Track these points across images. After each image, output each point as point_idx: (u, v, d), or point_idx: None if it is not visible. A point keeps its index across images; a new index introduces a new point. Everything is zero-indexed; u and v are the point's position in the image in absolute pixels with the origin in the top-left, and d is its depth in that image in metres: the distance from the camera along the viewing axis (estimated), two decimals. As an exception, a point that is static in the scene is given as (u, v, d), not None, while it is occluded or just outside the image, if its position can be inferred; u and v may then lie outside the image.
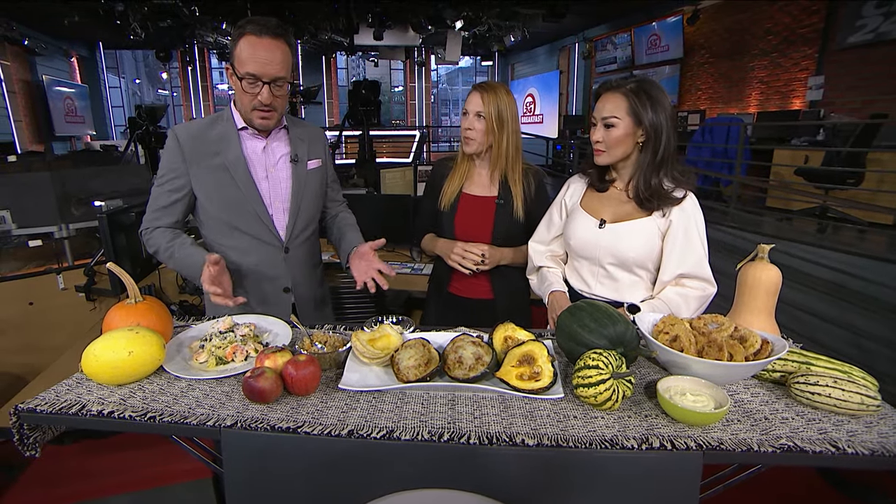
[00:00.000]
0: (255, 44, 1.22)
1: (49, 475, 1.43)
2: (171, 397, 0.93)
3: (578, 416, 0.87)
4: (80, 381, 0.99)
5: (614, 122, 1.27)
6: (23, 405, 0.90)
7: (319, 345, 1.02)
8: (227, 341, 1.05)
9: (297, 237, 1.45)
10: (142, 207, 1.98)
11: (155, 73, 14.63)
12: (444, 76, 16.19)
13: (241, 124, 1.36)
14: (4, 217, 2.47)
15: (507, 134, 1.51)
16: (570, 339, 0.99)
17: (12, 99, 9.37)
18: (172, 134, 1.36)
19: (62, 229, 2.63)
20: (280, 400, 0.91)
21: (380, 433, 0.81)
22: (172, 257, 1.34)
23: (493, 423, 0.84)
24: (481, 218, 1.59)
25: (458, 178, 1.62)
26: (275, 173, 1.40)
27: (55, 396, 0.93)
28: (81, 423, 0.89)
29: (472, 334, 1.02)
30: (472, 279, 1.63)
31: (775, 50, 6.88)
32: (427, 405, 0.89)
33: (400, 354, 0.96)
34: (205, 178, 1.34)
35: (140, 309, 1.07)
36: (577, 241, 1.39)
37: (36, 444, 0.94)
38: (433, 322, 1.71)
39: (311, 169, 1.46)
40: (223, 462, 0.85)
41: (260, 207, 1.37)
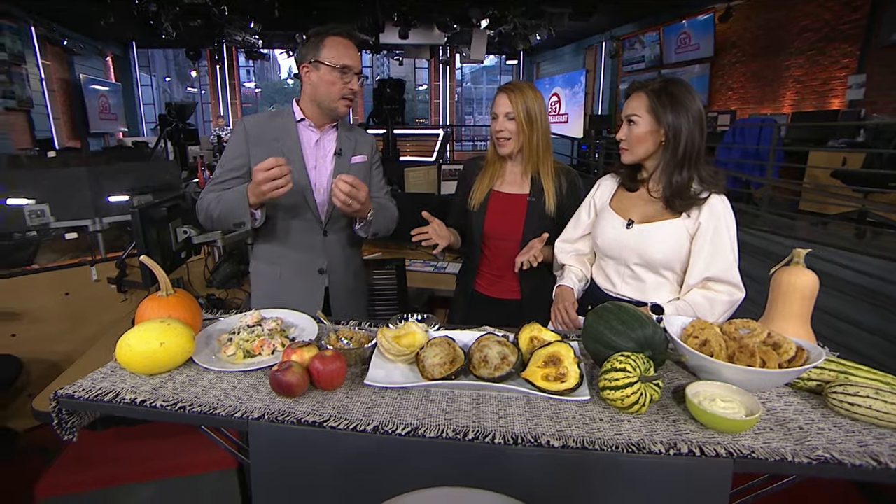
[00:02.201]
0: (344, 43, 1.45)
1: (83, 459, 1.48)
2: (201, 388, 0.95)
3: (604, 418, 0.86)
4: (115, 370, 1.02)
5: (635, 120, 1.27)
6: (62, 391, 0.94)
7: (345, 340, 1.03)
8: (255, 335, 1.07)
9: (336, 223, 1.57)
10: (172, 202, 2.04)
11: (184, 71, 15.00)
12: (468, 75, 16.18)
13: (300, 117, 1.52)
14: (44, 210, 2.56)
15: (537, 131, 1.52)
16: (596, 340, 0.98)
17: (52, 97, 9.72)
18: (240, 123, 1.53)
19: (96, 223, 2.71)
20: (306, 394, 0.92)
21: (405, 430, 0.81)
22: (218, 206, 1.44)
23: (518, 424, 0.84)
24: (512, 215, 1.58)
25: (488, 176, 1.62)
26: (322, 163, 1.55)
27: (91, 384, 0.97)
28: (116, 411, 0.92)
29: (498, 334, 1.02)
30: (501, 279, 1.62)
31: (813, 48, 6.66)
32: (452, 403, 0.90)
33: (425, 352, 0.97)
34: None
35: (171, 302, 1.10)
36: (603, 240, 1.37)
37: (73, 429, 0.97)
38: (459, 321, 1.71)
39: (355, 163, 1.58)
40: (250, 453, 0.86)
41: (307, 191, 1.51)
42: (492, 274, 1.65)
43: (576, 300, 1.40)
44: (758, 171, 4.96)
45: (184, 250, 2.06)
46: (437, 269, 2.70)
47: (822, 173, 4.94)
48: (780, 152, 4.88)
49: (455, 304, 1.80)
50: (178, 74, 15.46)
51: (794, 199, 5.24)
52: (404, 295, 2.20)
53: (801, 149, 5.32)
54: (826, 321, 2.84)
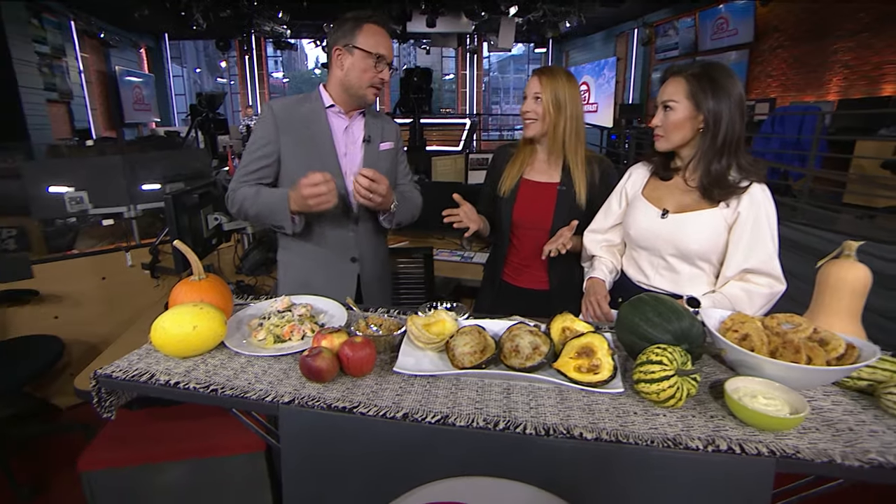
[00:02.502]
0: (380, 31, 1.43)
1: (120, 437, 1.54)
2: (232, 372, 0.96)
3: (639, 412, 0.84)
4: (149, 352, 1.04)
5: (672, 106, 1.23)
6: (101, 371, 0.97)
7: (375, 327, 1.03)
8: (285, 320, 1.08)
9: (366, 211, 1.55)
10: (204, 189, 2.08)
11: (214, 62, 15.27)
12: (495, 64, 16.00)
13: (329, 103, 1.50)
14: (82, 197, 2.65)
15: (565, 117, 1.48)
16: (630, 332, 0.95)
17: (90, 88, 10.05)
18: (267, 107, 1.50)
19: (131, 210, 2.79)
20: (336, 380, 0.92)
21: (434, 418, 0.81)
22: (255, 203, 1.45)
23: (549, 415, 0.82)
24: (542, 204, 1.56)
25: (518, 164, 1.60)
26: (352, 151, 1.53)
27: (127, 365, 0.99)
28: (150, 391, 0.94)
29: (530, 324, 1.00)
30: (529, 269, 1.60)
31: (866, 30, 6.26)
32: (482, 393, 0.89)
33: (455, 340, 0.96)
34: (293, 146, 1.47)
35: (204, 286, 1.12)
36: (636, 230, 1.34)
37: (111, 408, 1.00)
38: (486, 310, 1.70)
39: (383, 150, 1.58)
40: (280, 437, 0.87)
41: (338, 179, 1.48)
42: (520, 263, 1.63)
43: (608, 293, 1.37)
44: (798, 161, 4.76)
45: (215, 237, 2.11)
46: (463, 258, 2.69)
47: (869, 164, 4.71)
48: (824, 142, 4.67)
49: (482, 293, 1.79)
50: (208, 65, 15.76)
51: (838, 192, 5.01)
52: (431, 284, 2.20)
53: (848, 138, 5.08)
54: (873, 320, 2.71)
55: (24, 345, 2.31)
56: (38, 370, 2.16)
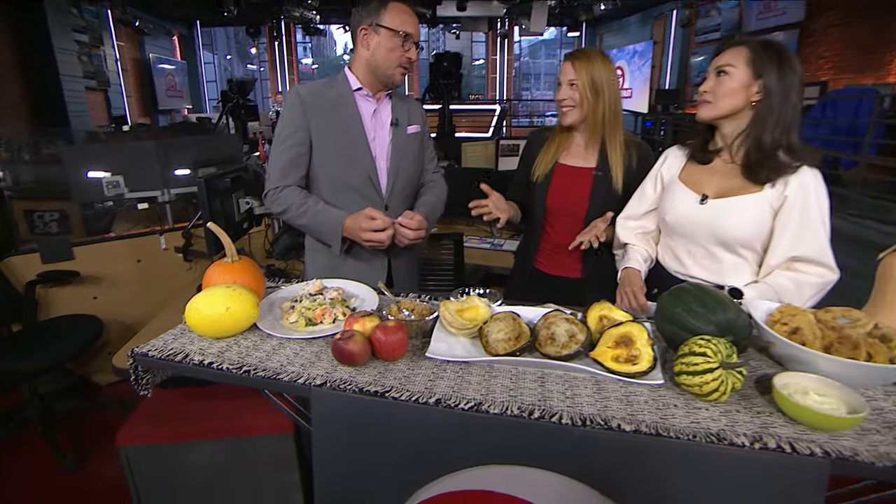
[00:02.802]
0: (406, 10, 1.42)
1: (156, 415, 1.59)
2: (264, 353, 0.97)
3: (679, 405, 0.81)
4: (184, 332, 1.07)
5: (728, 70, 1.15)
6: (137, 349, 0.99)
7: (406, 312, 1.03)
8: (317, 303, 1.09)
9: (397, 196, 1.55)
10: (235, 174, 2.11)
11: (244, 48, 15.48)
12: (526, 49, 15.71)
13: (356, 86, 1.48)
14: (119, 182, 2.74)
15: (603, 101, 1.44)
16: (671, 322, 0.92)
17: (125, 76, 10.36)
18: (293, 92, 1.48)
19: (165, 194, 2.87)
20: (367, 364, 0.92)
21: (468, 405, 0.80)
22: (306, 214, 1.45)
23: (586, 405, 0.80)
24: (576, 190, 1.52)
25: (553, 148, 1.56)
26: (381, 135, 1.52)
27: (163, 344, 1.02)
28: (185, 371, 0.96)
29: (566, 311, 0.98)
30: (561, 256, 1.57)
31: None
32: (516, 381, 0.87)
33: (489, 327, 0.95)
34: (323, 132, 1.46)
35: (236, 268, 1.13)
36: (673, 216, 1.29)
37: (148, 385, 1.03)
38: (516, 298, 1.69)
39: (411, 133, 1.56)
40: (312, 420, 0.88)
41: (368, 163, 1.49)
42: (552, 250, 1.60)
43: (643, 283, 1.33)
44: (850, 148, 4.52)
45: (246, 220, 2.15)
46: (493, 245, 2.67)
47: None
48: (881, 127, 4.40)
49: (512, 281, 1.77)
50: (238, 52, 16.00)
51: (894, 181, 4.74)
52: (461, 271, 2.19)
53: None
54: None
55: (66, 323, 2.42)
56: (80, 348, 2.26)
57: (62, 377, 2.65)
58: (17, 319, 2.40)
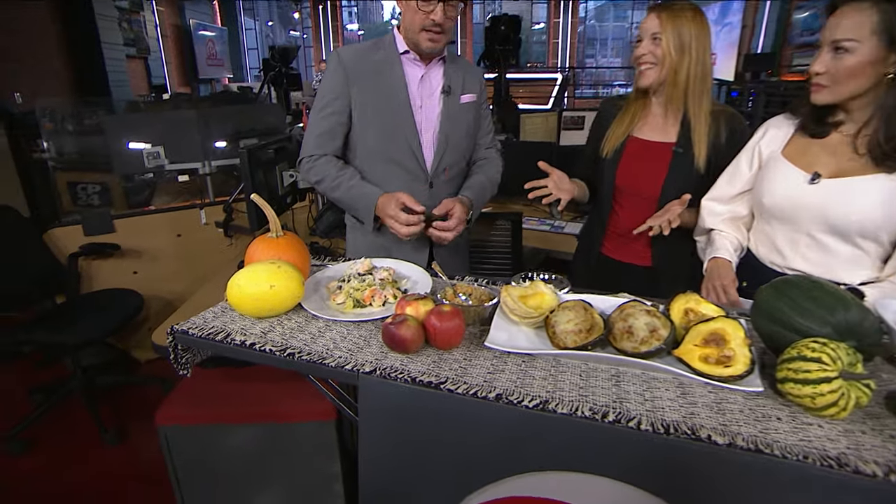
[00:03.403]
0: None
1: (195, 395, 1.66)
2: (309, 336, 0.98)
3: (783, 418, 0.75)
4: (225, 310, 1.09)
5: (849, 46, 1.02)
6: (177, 326, 1.02)
7: (464, 297, 1.02)
8: (366, 284, 1.09)
9: (442, 173, 1.52)
10: (279, 144, 2.15)
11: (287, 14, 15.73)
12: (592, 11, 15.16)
13: (403, 49, 1.44)
14: (159, 153, 2.87)
15: (688, 61, 1.34)
16: (773, 321, 0.86)
17: (165, 43, 10.79)
18: (335, 55, 1.47)
19: (205, 166, 2.98)
20: (420, 351, 0.92)
21: (532, 402, 0.78)
22: (339, 187, 1.46)
23: (668, 410, 0.76)
24: (652, 167, 1.45)
25: (627, 120, 1.49)
26: (429, 104, 1.48)
27: (203, 322, 1.04)
28: (226, 351, 0.98)
29: (646, 303, 0.93)
30: (631, 241, 1.51)
31: None
32: (587, 378, 0.84)
33: (557, 316, 0.92)
34: (364, 99, 1.44)
35: (281, 244, 1.14)
36: (774, 198, 1.19)
37: (187, 365, 1.07)
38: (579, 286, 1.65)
39: (464, 103, 1.51)
40: (359, 409, 0.88)
41: (412, 136, 1.46)
42: (621, 234, 1.55)
43: (735, 277, 1.25)
44: None
45: (289, 195, 2.19)
46: (553, 228, 2.63)
47: None
48: None
49: (575, 267, 1.73)
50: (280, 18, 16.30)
51: None
52: (518, 254, 2.15)
53: None
54: None
55: (107, 297, 2.58)
56: (121, 322, 2.40)
57: (104, 351, 2.83)
58: (61, 291, 2.57)
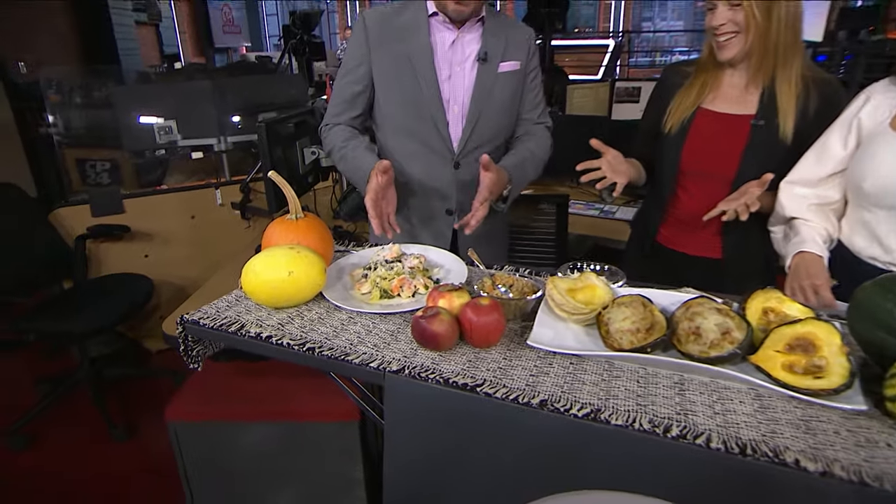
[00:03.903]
0: None
1: (208, 389, 1.70)
2: (331, 329, 0.98)
3: (894, 444, 0.69)
4: (240, 299, 1.10)
5: None
6: (188, 316, 1.04)
7: (504, 289, 1.01)
8: (394, 272, 1.09)
9: (471, 153, 1.48)
10: (300, 118, 2.15)
11: (309, -25, 15.81)
12: (650, -34, 14.74)
13: (433, 10, 1.41)
14: (171, 127, 2.91)
15: (777, 22, 1.26)
16: (878, 325, 0.80)
17: (178, 9, 10.99)
18: (360, 18, 1.47)
19: (221, 142, 3.02)
20: (455, 349, 0.91)
21: (582, 410, 0.75)
22: (344, 158, 1.47)
23: (744, 426, 0.72)
24: (725, 144, 1.38)
25: (696, 89, 1.42)
26: (459, 72, 1.43)
27: (216, 312, 1.05)
28: (240, 344, 0.99)
29: (716, 300, 0.89)
30: (697, 229, 1.46)
31: None
32: (645, 384, 0.81)
33: (611, 313, 0.89)
34: (385, 66, 1.43)
35: (301, 226, 1.14)
36: (877, 181, 1.12)
37: (199, 358, 1.09)
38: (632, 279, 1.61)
39: (504, 72, 1.46)
40: (385, 411, 0.88)
41: (436, 109, 1.43)
42: (684, 222, 1.49)
43: (829, 275, 1.18)
44: None
45: (311, 173, 2.19)
46: (603, 213, 2.59)
47: None
48: None
49: (627, 257, 1.68)
50: (302, -20, 16.40)
51: None
52: (563, 242, 2.11)
53: None
54: None
55: (116, 283, 2.65)
56: (130, 309, 2.47)
57: (112, 341, 2.92)
58: (67, 276, 2.65)
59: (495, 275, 1.06)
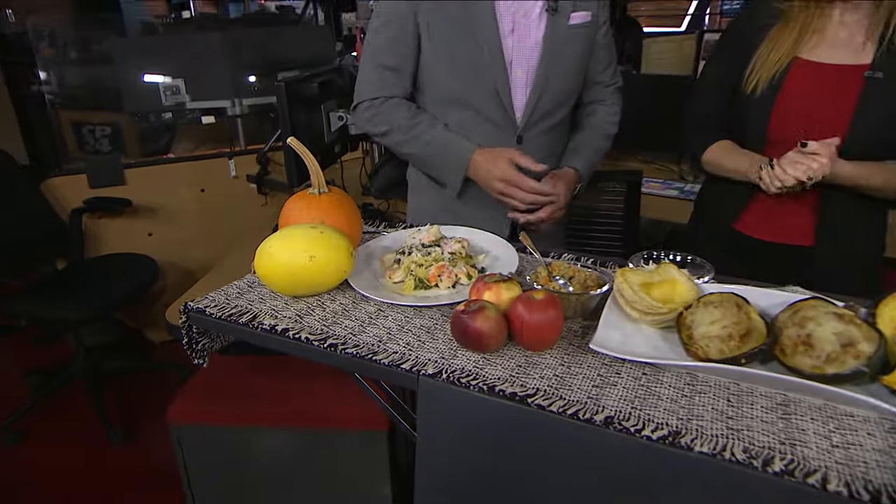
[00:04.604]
0: None
1: (215, 388, 1.75)
2: (357, 323, 0.99)
3: None
4: (252, 286, 1.12)
5: None
6: (192, 304, 1.05)
7: (562, 281, 0.99)
8: (432, 258, 1.09)
9: (538, 123, 1.49)
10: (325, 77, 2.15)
11: (340, -90, 15.87)
12: None
13: None
14: (179, 87, 2.97)
15: None
16: None
17: (189, -51, 11.21)
18: None
19: (235, 105, 3.07)
20: (502, 351, 0.90)
21: (657, 432, 0.72)
22: (416, 140, 1.46)
23: (874, 466, 0.68)
24: (830, 104, 1.33)
25: (791, 34, 1.36)
26: (524, 27, 1.42)
27: (225, 299, 1.07)
28: (252, 337, 1.00)
29: (836, 302, 0.85)
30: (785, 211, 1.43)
31: None
32: (738, 404, 0.78)
33: (696, 315, 0.87)
34: (433, 21, 1.42)
35: (324, 203, 1.15)
36: None
37: (204, 353, 1.11)
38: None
39: (575, 24, 1.44)
40: (418, 421, 0.88)
41: (498, 72, 1.42)
42: (771, 202, 1.44)
43: None
44: None
45: (338, 142, 2.20)
46: (683, 193, 2.54)
47: None
48: None
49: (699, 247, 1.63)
50: (331, -85, 16.50)
51: None
52: (634, 227, 2.08)
53: None
54: None
55: (116, 263, 2.73)
56: (131, 294, 2.55)
57: (111, 329, 3.03)
58: (61, 254, 2.75)
59: (552, 264, 1.05)
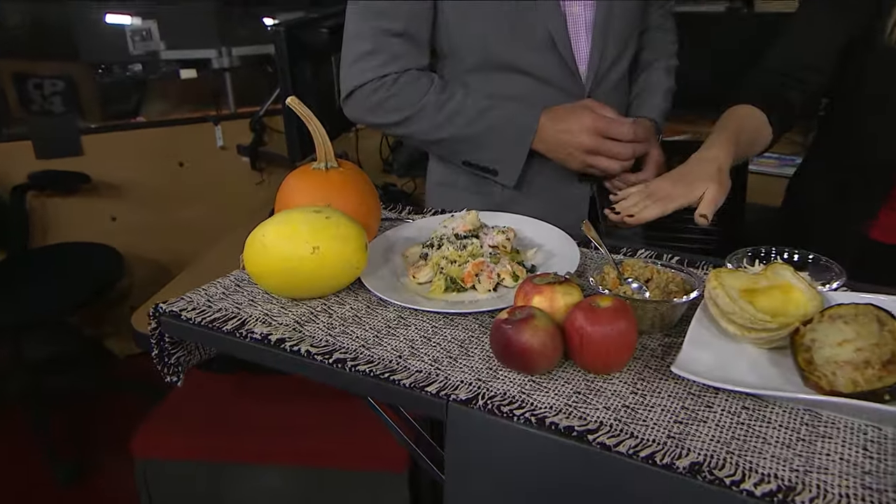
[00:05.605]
0: None
1: (192, 413, 1.75)
2: (372, 333, 0.99)
3: None
4: (241, 285, 1.13)
5: None
6: (165, 305, 1.06)
7: (636, 284, 0.99)
8: (468, 252, 1.09)
9: (604, 79, 1.53)
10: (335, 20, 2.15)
11: None
12: None
13: None
14: (150, 30, 2.97)
15: None
16: None
17: None
18: None
19: (222, 55, 3.08)
20: (555, 373, 0.90)
21: (761, 485, 0.71)
22: (456, 116, 1.45)
23: None
24: None
25: None
26: None
27: (206, 300, 1.08)
28: (238, 349, 1.01)
29: None
30: None
31: None
32: (879, 454, 0.76)
33: (818, 332, 0.86)
34: None
35: (333, 180, 1.16)
36: None
37: (178, 368, 1.12)
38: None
39: None
40: (446, 459, 0.88)
41: (554, 19, 1.41)
42: None
43: None
44: None
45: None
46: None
47: None
48: None
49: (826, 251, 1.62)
50: None
51: None
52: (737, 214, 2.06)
53: None
54: None
55: (70, 255, 2.74)
56: (89, 293, 2.55)
57: (61, 338, 3.04)
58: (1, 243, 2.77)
59: (624, 262, 1.05)
